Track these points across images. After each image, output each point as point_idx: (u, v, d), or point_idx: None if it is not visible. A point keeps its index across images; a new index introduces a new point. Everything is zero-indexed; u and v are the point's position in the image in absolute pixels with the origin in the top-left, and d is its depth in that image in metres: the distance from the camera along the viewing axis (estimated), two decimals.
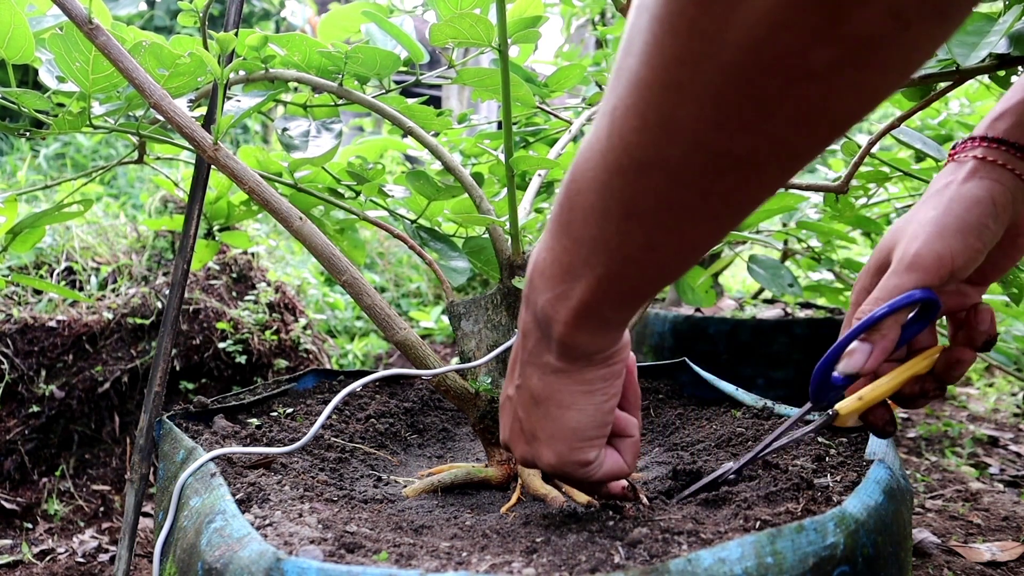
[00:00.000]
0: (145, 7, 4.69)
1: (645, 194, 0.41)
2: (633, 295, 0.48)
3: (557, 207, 0.47)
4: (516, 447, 0.59)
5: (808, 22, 0.32)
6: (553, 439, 0.56)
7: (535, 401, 0.55)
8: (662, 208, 0.41)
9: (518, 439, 0.59)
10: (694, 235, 0.43)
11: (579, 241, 0.46)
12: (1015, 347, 1.60)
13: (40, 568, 1.24)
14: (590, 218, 0.44)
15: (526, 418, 0.57)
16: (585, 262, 0.46)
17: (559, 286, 0.49)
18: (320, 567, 0.47)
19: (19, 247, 0.96)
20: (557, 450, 0.56)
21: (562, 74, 1.10)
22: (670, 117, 0.37)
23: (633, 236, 0.43)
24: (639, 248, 0.44)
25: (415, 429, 1.02)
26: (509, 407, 0.59)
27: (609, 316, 0.50)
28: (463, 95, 4.92)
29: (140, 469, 0.87)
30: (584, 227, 0.45)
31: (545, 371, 0.54)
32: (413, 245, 0.90)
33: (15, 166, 2.96)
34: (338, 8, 1.03)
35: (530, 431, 0.57)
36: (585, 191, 0.44)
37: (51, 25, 0.85)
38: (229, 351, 1.61)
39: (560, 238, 0.47)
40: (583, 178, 0.44)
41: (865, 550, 0.51)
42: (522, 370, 0.56)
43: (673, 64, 0.36)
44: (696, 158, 0.38)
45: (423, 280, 3.08)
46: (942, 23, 0.33)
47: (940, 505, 1.43)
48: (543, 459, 0.57)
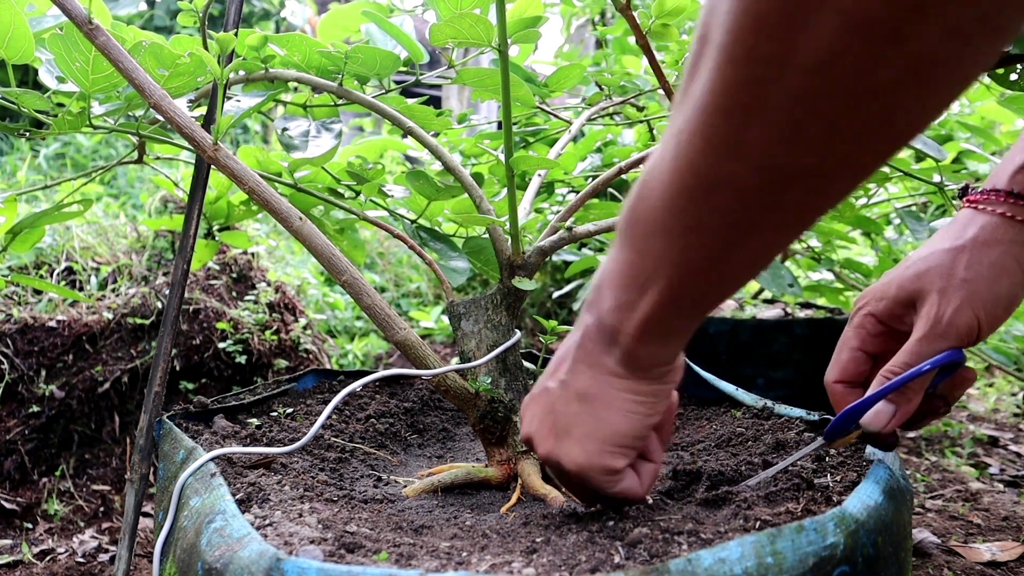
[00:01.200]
0: (145, 7, 4.69)
1: (711, 212, 0.42)
2: (699, 305, 0.49)
3: (624, 221, 0.49)
4: (542, 442, 0.58)
5: (870, 45, 0.33)
6: (587, 438, 0.56)
7: (581, 398, 0.55)
8: (728, 225, 0.43)
9: (546, 434, 0.58)
10: (758, 248, 0.45)
11: (646, 254, 0.48)
12: (1015, 347, 1.60)
13: (40, 568, 1.24)
14: (657, 233, 0.46)
15: (563, 413, 0.56)
16: (652, 274, 0.48)
17: (626, 296, 0.50)
18: (320, 567, 0.47)
19: (19, 247, 0.95)
20: (587, 450, 0.56)
21: (562, 74, 1.10)
22: (736, 139, 0.39)
23: (699, 251, 0.45)
24: (705, 261, 0.46)
25: (415, 429, 1.02)
26: (544, 399, 0.58)
27: (676, 326, 0.51)
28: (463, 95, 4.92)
29: (140, 469, 0.87)
30: (651, 241, 0.47)
31: (600, 372, 0.54)
32: (413, 245, 0.90)
33: (15, 166, 2.96)
34: (338, 8, 1.03)
35: (564, 426, 0.56)
36: (652, 208, 0.45)
37: (51, 25, 0.85)
38: (229, 351, 1.61)
39: (627, 251, 0.49)
40: (650, 196, 0.45)
41: (865, 550, 0.51)
42: (572, 367, 0.56)
43: (737, 89, 0.37)
44: (762, 176, 0.40)
45: (423, 280, 3.08)
46: (999, 37, 0.34)
47: (940, 505, 1.43)
48: (570, 457, 0.56)
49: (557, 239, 0.85)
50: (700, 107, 0.39)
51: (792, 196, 0.41)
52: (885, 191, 1.65)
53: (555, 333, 0.88)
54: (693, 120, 0.40)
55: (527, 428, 0.60)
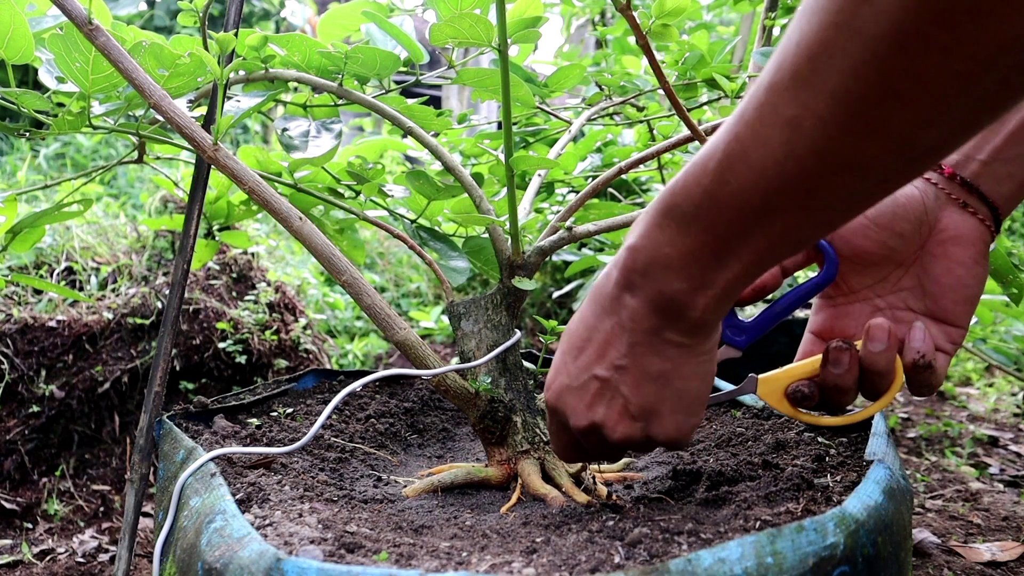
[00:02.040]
0: (145, 7, 4.69)
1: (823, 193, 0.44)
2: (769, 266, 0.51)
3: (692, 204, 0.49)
4: (617, 427, 0.59)
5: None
6: (677, 411, 0.58)
7: (656, 378, 0.56)
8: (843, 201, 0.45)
9: (621, 419, 0.59)
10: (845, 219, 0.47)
11: (728, 236, 0.48)
12: (1015, 347, 1.60)
13: (40, 568, 1.24)
14: (748, 215, 0.46)
15: (638, 395, 0.57)
16: (734, 252, 0.49)
17: (697, 277, 0.51)
18: (320, 567, 0.47)
19: (18, 247, 0.95)
20: (679, 421, 0.58)
21: (562, 74, 1.10)
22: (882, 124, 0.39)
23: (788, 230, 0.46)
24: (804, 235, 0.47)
25: (415, 429, 1.02)
26: (594, 388, 0.59)
27: (735, 294, 0.52)
28: (463, 95, 4.92)
29: (140, 469, 0.87)
30: (737, 223, 0.47)
31: (667, 347, 0.55)
32: (413, 245, 0.90)
33: (15, 166, 2.96)
34: (338, 7, 1.03)
35: (645, 408, 0.58)
36: (740, 191, 0.46)
37: (51, 25, 0.85)
38: (229, 351, 1.61)
39: (698, 233, 0.49)
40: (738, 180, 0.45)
41: (865, 550, 0.51)
42: (631, 351, 0.56)
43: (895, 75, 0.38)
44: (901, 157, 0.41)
45: (423, 280, 3.08)
46: None
47: (940, 505, 1.43)
48: (661, 432, 0.59)
49: (557, 239, 0.85)
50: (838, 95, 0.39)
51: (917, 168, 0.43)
52: None
53: (555, 333, 0.88)
54: (825, 108, 0.40)
55: (581, 419, 0.60)
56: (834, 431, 0.81)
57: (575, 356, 0.60)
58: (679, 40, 0.97)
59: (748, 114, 0.44)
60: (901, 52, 0.37)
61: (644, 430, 0.59)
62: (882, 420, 0.74)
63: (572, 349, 0.60)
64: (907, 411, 2.17)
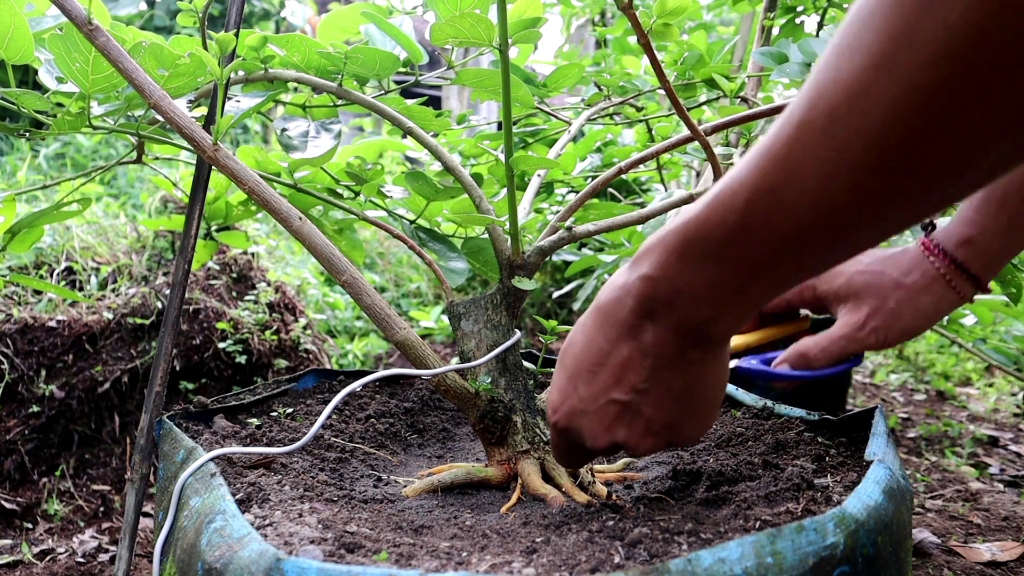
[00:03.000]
0: (145, 7, 4.69)
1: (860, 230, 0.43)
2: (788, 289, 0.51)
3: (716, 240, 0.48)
4: (641, 444, 0.60)
5: None
6: (698, 418, 0.60)
7: (679, 396, 0.58)
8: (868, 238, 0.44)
9: (645, 437, 0.60)
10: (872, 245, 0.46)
11: (753, 270, 0.48)
12: (1015, 347, 1.60)
13: (40, 568, 1.24)
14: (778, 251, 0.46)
15: (660, 414, 0.58)
16: (758, 281, 0.49)
17: (716, 305, 0.51)
18: (320, 567, 0.47)
19: (17, 247, 0.95)
20: (699, 426, 0.60)
21: (560, 73, 1.11)
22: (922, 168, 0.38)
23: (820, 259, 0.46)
24: (816, 265, 0.47)
25: (415, 429, 1.02)
26: (613, 411, 0.59)
27: (758, 309, 0.53)
28: (463, 96, 4.92)
29: (140, 469, 0.87)
30: (765, 258, 0.47)
31: (689, 367, 0.56)
32: (413, 245, 0.90)
33: (15, 166, 2.96)
34: (338, 9, 1.03)
35: (668, 424, 0.59)
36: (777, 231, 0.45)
37: (51, 26, 0.85)
38: (229, 351, 1.61)
39: (721, 267, 0.49)
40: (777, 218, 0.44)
41: (865, 550, 0.51)
42: (653, 376, 0.57)
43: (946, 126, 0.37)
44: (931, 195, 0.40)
45: (423, 280, 3.08)
46: None
47: (940, 505, 1.43)
48: (683, 438, 0.61)
49: (557, 239, 0.85)
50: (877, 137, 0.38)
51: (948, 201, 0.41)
52: None
53: (555, 333, 0.88)
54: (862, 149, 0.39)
55: (602, 441, 0.60)
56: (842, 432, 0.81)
57: (587, 380, 0.59)
58: (679, 40, 0.97)
59: (778, 151, 0.43)
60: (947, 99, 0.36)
61: (666, 441, 0.61)
62: (882, 420, 0.74)
63: (582, 373, 0.60)
64: (907, 411, 2.17)
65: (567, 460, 0.67)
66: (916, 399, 2.32)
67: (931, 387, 2.45)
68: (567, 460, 0.67)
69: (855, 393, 2.32)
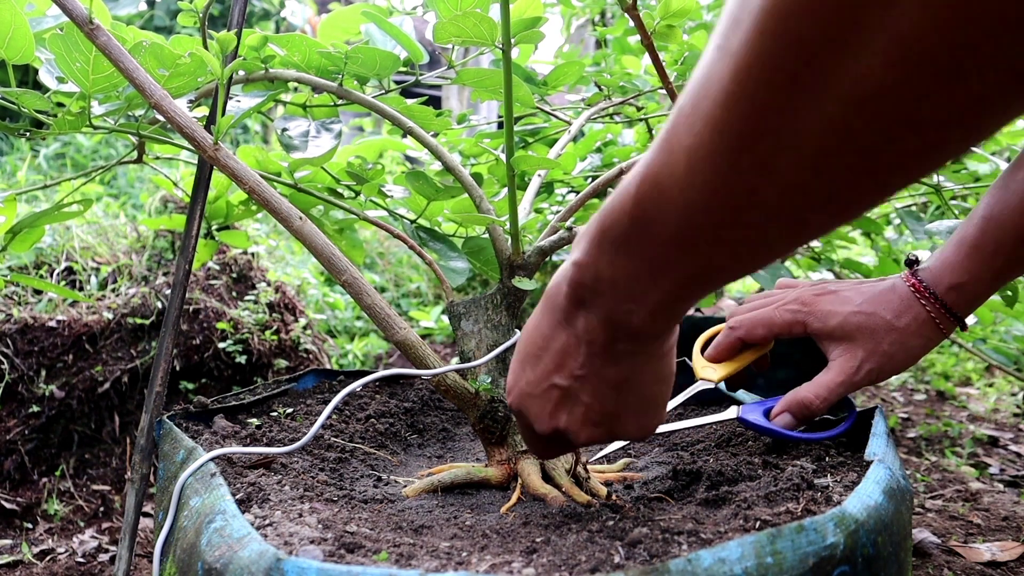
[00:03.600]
0: (145, 7, 4.69)
1: (733, 229, 0.41)
2: (707, 292, 0.50)
3: (615, 230, 0.48)
4: (581, 432, 0.60)
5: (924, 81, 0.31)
6: (639, 413, 0.60)
7: (616, 385, 0.58)
8: (751, 241, 0.42)
9: (584, 425, 0.60)
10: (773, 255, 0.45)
11: (653, 263, 0.47)
12: (1015, 347, 1.60)
13: (40, 568, 1.24)
14: (669, 244, 0.45)
15: (599, 403, 0.59)
16: (661, 278, 0.48)
17: (634, 297, 0.51)
18: (320, 567, 0.47)
19: (18, 247, 0.95)
20: (640, 421, 0.60)
21: (560, 71, 1.11)
22: (764, 163, 0.37)
23: (714, 260, 0.45)
24: (718, 267, 0.46)
25: (415, 429, 1.02)
26: (555, 396, 0.60)
27: (682, 309, 0.52)
28: (463, 95, 4.92)
29: (140, 469, 0.87)
30: (661, 251, 0.46)
31: (622, 357, 0.56)
32: (413, 245, 0.90)
33: (15, 166, 2.96)
34: (339, 10, 1.03)
35: (608, 413, 0.59)
36: (663, 221, 0.44)
37: (51, 25, 0.85)
38: (229, 351, 1.61)
39: (625, 259, 0.49)
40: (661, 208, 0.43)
41: (865, 550, 0.51)
42: (588, 362, 0.57)
43: (769, 113, 0.35)
44: (793, 199, 0.38)
45: (423, 280, 3.08)
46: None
47: (940, 505, 1.43)
48: (625, 433, 0.61)
49: (557, 239, 0.85)
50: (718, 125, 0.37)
51: (817, 218, 0.40)
52: None
53: None
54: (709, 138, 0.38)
55: (545, 426, 0.61)
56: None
57: (533, 364, 0.61)
58: (681, 41, 0.97)
59: (661, 137, 0.42)
60: (766, 86, 0.34)
61: (608, 432, 0.61)
62: (882, 420, 0.74)
63: (529, 357, 0.61)
64: (907, 411, 2.17)
65: (531, 446, 0.67)
66: (916, 399, 2.32)
67: (931, 387, 2.45)
68: (531, 446, 0.67)
69: (855, 393, 2.32)
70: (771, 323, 0.77)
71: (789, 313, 0.76)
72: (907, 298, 0.73)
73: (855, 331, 0.73)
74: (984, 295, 0.74)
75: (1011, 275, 0.73)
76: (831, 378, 0.74)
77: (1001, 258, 0.71)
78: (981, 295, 0.73)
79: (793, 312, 0.76)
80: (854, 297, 0.74)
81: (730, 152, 0.37)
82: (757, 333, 0.77)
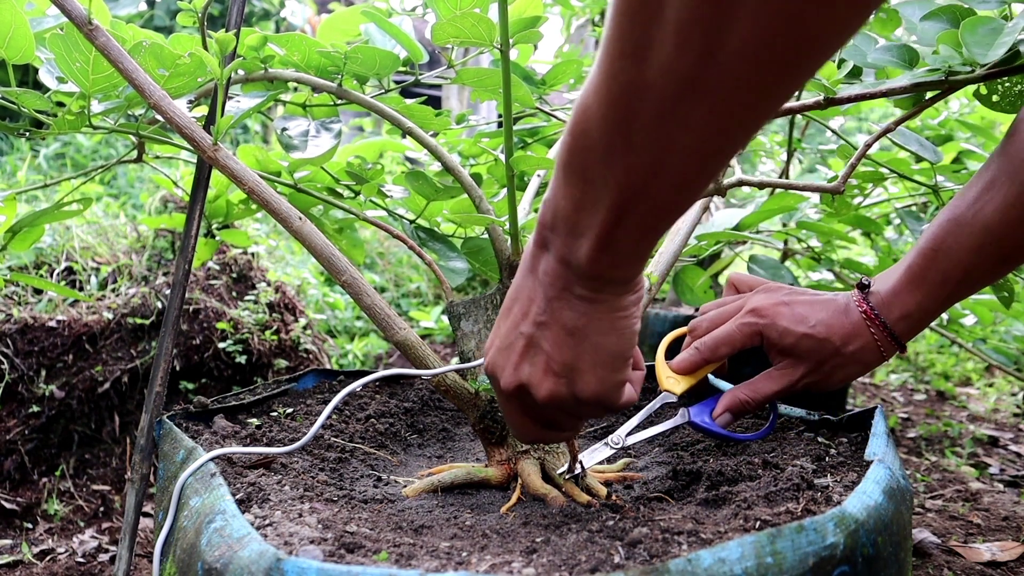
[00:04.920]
0: (145, 7, 4.69)
1: (635, 123, 0.44)
2: (647, 223, 0.51)
3: (564, 153, 0.50)
4: (542, 385, 0.59)
5: None
6: (597, 366, 0.58)
7: (572, 332, 0.57)
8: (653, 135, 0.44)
9: (545, 376, 0.59)
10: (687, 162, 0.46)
11: (588, 180, 0.50)
12: (1015, 347, 1.60)
13: (40, 568, 1.24)
14: (595, 156, 0.48)
15: (558, 351, 0.58)
16: (597, 198, 0.50)
17: (576, 225, 0.52)
18: (320, 567, 0.47)
19: (18, 246, 0.96)
20: (600, 376, 0.59)
21: (559, 69, 1.11)
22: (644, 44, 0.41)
23: (636, 166, 0.47)
24: (644, 177, 0.47)
25: (415, 429, 1.02)
26: (520, 346, 0.60)
27: (626, 247, 0.53)
28: (462, 95, 4.92)
29: (140, 469, 0.87)
30: (591, 166, 0.49)
31: (579, 303, 0.56)
32: (412, 245, 0.90)
33: (15, 166, 2.96)
34: (339, 11, 1.03)
35: (566, 363, 0.58)
36: (588, 131, 0.47)
37: (51, 25, 0.85)
38: (229, 351, 1.61)
39: (570, 181, 0.51)
40: (584, 119, 0.47)
41: (865, 550, 0.51)
42: (547, 307, 0.57)
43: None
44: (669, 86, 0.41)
45: (423, 280, 3.08)
46: None
47: (940, 505, 1.43)
48: (585, 388, 0.59)
49: None
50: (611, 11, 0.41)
51: (700, 109, 0.42)
52: (885, 191, 1.65)
53: None
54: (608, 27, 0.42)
55: (509, 379, 0.61)
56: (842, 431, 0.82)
57: (504, 317, 0.61)
58: None
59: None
60: None
61: (569, 387, 0.59)
62: (882, 420, 0.74)
63: (504, 311, 0.62)
64: (907, 411, 2.17)
65: (509, 423, 0.67)
66: (916, 399, 2.32)
67: (931, 387, 2.45)
68: (509, 423, 0.67)
69: (855, 393, 2.32)
70: (732, 342, 0.79)
71: (748, 327, 0.78)
72: (858, 324, 0.75)
73: (804, 353, 0.76)
74: (928, 323, 0.77)
75: (954, 302, 0.76)
76: (769, 386, 0.77)
77: (948, 290, 0.74)
78: (925, 323, 0.77)
79: (751, 325, 0.78)
80: (809, 316, 0.76)
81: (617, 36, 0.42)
82: (721, 352, 0.79)
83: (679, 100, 0.42)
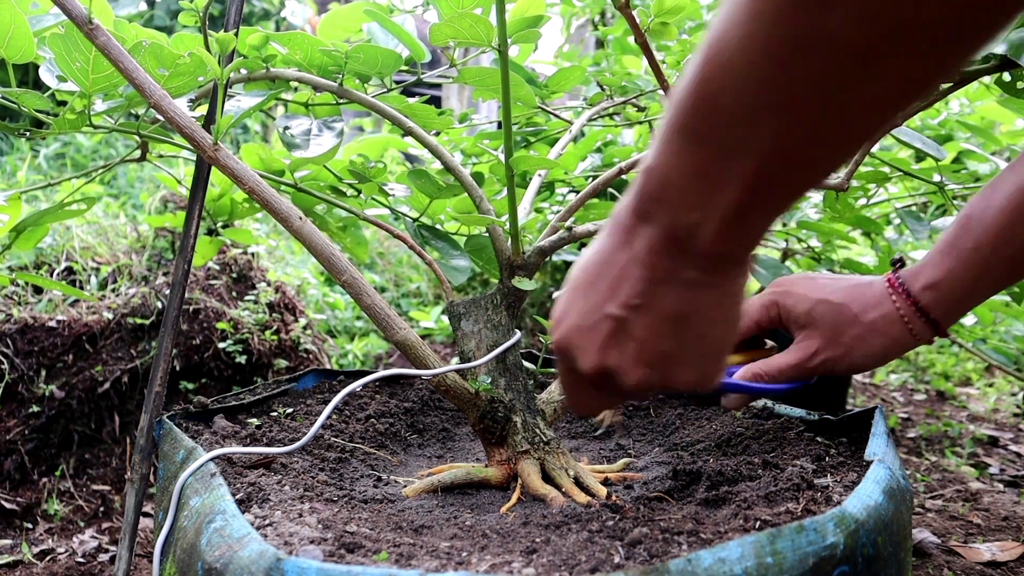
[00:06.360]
0: (145, 7, 4.69)
1: (803, 79, 0.38)
2: (784, 196, 0.46)
3: (682, 117, 0.44)
4: (631, 373, 0.54)
5: None
6: (700, 358, 0.54)
7: (674, 320, 0.52)
8: (821, 95, 0.39)
9: (635, 365, 0.54)
10: (853, 123, 0.41)
11: (721, 146, 0.44)
12: (1015, 347, 1.60)
13: (40, 568, 1.24)
14: (734, 118, 0.42)
15: (655, 340, 0.52)
16: (729, 167, 0.44)
17: (697, 197, 0.46)
18: (320, 567, 0.47)
19: (22, 245, 0.96)
20: (700, 367, 0.54)
21: (562, 75, 1.10)
22: None
23: (790, 130, 0.41)
24: (793, 143, 0.42)
25: (415, 429, 1.02)
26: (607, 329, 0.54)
27: (758, 223, 0.48)
28: (464, 95, 4.92)
29: (140, 469, 0.87)
30: (727, 130, 0.43)
31: (686, 287, 0.51)
32: (413, 245, 0.90)
33: (15, 166, 2.96)
34: (338, 9, 1.03)
35: (664, 353, 0.53)
36: (725, 89, 0.41)
37: (52, 23, 0.85)
38: (229, 351, 1.61)
39: (691, 148, 0.45)
40: (719, 75, 0.41)
41: (865, 550, 0.51)
42: (646, 289, 0.51)
43: None
44: (862, 32, 0.35)
45: (423, 280, 3.08)
46: None
47: (940, 505, 1.43)
48: (681, 378, 0.55)
49: (557, 239, 0.85)
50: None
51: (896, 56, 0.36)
52: (885, 191, 1.65)
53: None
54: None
55: (592, 362, 0.55)
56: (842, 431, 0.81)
57: (586, 292, 0.54)
58: (679, 39, 0.97)
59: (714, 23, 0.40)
60: None
61: (662, 376, 0.54)
62: (882, 420, 0.74)
63: (584, 285, 0.55)
64: (907, 411, 2.18)
65: (571, 395, 0.62)
66: (916, 399, 2.32)
67: (931, 387, 2.45)
68: (571, 395, 0.62)
69: (855, 393, 2.32)
70: (748, 313, 0.75)
71: (763, 297, 0.75)
72: (880, 294, 0.71)
73: (819, 319, 0.71)
74: (966, 298, 0.69)
75: (994, 276, 0.69)
76: (785, 360, 0.73)
77: (980, 256, 0.67)
78: (962, 298, 0.69)
79: (767, 295, 0.75)
80: (828, 285, 0.72)
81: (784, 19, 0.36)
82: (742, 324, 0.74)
83: (873, 49, 0.36)
